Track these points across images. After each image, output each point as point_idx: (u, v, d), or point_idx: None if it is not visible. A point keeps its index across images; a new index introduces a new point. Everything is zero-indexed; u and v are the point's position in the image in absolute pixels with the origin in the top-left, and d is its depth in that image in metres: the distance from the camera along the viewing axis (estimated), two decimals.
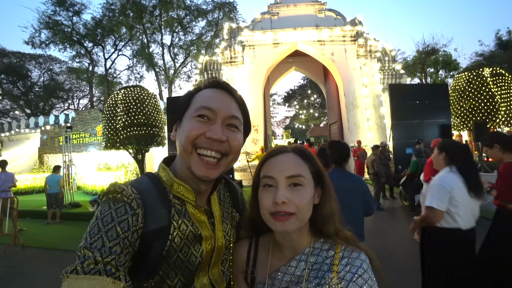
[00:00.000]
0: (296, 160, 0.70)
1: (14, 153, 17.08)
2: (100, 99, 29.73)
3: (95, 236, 0.53)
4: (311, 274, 0.67)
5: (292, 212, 0.65)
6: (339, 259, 0.67)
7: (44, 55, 27.14)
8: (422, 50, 21.34)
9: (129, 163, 13.16)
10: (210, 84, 0.73)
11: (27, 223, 6.83)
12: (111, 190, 0.59)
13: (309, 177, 0.69)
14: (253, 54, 13.30)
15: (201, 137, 0.66)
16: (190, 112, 0.69)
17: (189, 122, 0.67)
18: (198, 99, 0.70)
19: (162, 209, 0.63)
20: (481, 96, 9.33)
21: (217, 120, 0.68)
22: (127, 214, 0.56)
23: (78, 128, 15.45)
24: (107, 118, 9.03)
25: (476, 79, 9.53)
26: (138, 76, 28.17)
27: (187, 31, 24.62)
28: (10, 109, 29.80)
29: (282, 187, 0.66)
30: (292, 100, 39.30)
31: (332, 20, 13.36)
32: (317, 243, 0.71)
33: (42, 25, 21.92)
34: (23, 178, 13.66)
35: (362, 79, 13.10)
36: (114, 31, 22.59)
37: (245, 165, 10.69)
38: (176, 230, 0.63)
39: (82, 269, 0.49)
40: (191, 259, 0.65)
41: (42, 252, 4.85)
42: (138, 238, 0.58)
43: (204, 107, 0.67)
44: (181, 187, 0.68)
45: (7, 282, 3.67)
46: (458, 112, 9.77)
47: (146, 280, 0.61)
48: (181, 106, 0.71)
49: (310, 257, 0.69)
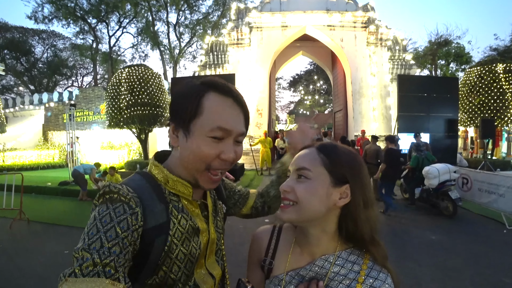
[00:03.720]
0: (310, 154, 0.68)
1: (19, 129, 17.20)
2: (104, 77, 29.51)
3: (94, 237, 0.51)
4: (331, 284, 0.65)
5: (293, 200, 0.65)
6: (364, 277, 0.64)
7: (47, 30, 26.71)
8: (434, 40, 20.71)
9: (132, 142, 13.24)
10: (217, 87, 0.66)
11: (32, 198, 6.97)
12: (107, 191, 0.58)
13: (320, 171, 0.65)
14: (260, 37, 12.98)
15: (216, 158, 0.65)
16: (203, 128, 0.63)
17: (202, 142, 0.63)
18: (209, 110, 0.63)
19: (159, 205, 0.63)
20: (492, 93, 9.12)
21: (230, 140, 0.66)
22: (126, 214, 0.56)
23: (82, 106, 15.44)
24: (111, 97, 8.99)
25: (488, 74, 9.28)
26: (142, 55, 27.86)
27: (194, 10, 23.98)
28: (14, 85, 29.69)
29: (291, 178, 0.69)
30: (297, 85, 38.83)
31: (344, 5, 12.90)
32: (343, 253, 0.68)
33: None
34: (28, 154, 13.83)
35: (370, 67, 12.82)
36: (118, 7, 22.04)
37: (247, 148, 10.70)
38: (176, 226, 0.64)
39: (81, 272, 0.48)
40: (192, 252, 0.66)
41: (46, 227, 4.98)
42: (139, 237, 0.57)
43: (221, 128, 0.63)
44: (178, 183, 0.67)
45: (13, 255, 3.79)
46: (466, 108, 9.59)
47: (150, 277, 0.62)
48: (185, 109, 0.64)
49: (333, 266, 0.66)
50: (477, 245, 3.98)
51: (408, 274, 3.17)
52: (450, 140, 8.56)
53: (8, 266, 3.47)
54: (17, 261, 3.61)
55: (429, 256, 3.65)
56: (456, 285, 2.93)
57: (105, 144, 14.19)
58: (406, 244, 4.05)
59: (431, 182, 5.31)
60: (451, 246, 3.96)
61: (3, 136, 13.90)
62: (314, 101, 37.75)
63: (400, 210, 5.85)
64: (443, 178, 5.25)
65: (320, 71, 30.23)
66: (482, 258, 3.56)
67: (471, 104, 9.47)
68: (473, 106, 9.42)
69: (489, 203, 5.17)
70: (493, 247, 3.94)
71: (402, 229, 4.78)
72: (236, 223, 4.54)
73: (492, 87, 9.12)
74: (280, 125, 33.58)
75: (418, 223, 5.03)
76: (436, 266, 3.36)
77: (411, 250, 3.84)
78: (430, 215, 5.38)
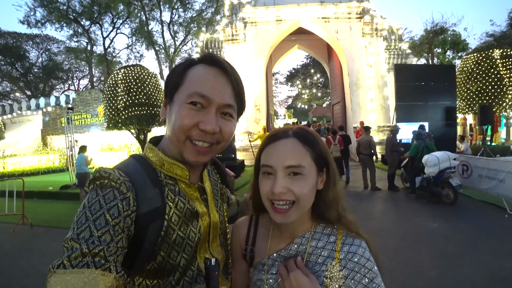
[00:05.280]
0: (296, 147, 0.66)
1: (18, 135, 17.15)
2: (100, 79, 29.40)
3: (82, 226, 0.50)
4: (311, 259, 0.67)
5: (291, 200, 0.64)
6: (340, 245, 0.66)
7: (41, 34, 26.53)
8: (430, 29, 20.56)
9: (132, 143, 13.23)
10: (205, 59, 0.66)
11: (34, 203, 6.99)
12: (97, 176, 0.56)
13: (311, 164, 0.66)
14: (255, 32, 12.90)
15: (195, 128, 0.62)
16: (182, 95, 0.63)
17: (181, 109, 0.63)
18: (191, 78, 0.64)
19: (153, 190, 0.60)
20: (489, 79, 9.08)
21: (211, 110, 0.63)
22: (116, 200, 0.53)
23: (80, 109, 15.40)
24: (108, 99, 8.96)
25: (485, 60, 9.24)
26: (137, 55, 27.72)
27: (187, 8, 23.81)
28: (10, 91, 29.51)
29: (281, 177, 0.64)
30: (295, 79, 38.68)
31: None
32: (318, 227, 0.70)
33: (37, 3, 21.25)
34: (28, 160, 13.82)
35: (367, 58, 12.76)
36: (111, 8, 21.85)
37: (247, 144, 10.71)
38: (172, 209, 0.62)
39: (70, 263, 0.46)
40: (190, 236, 0.64)
41: (48, 230, 5.01)
42: (132, 223, 0.55)
43: (198, 93, 0.62)
44: (174, 166, 0.65)
45: (17, 257, 3.83)
46: (464, 95, 9.56)
47: (147, 262, 0.60)
48: (172, 81, 0.65)
49: (311, 241, 0.69)
50: (477, 232, 4.00)
51: (409, 262, 3.19)
52: (449, 128, 8.56)
53: (12, 268, 3.51)
54: (20, 262, 3.65)
55: (430, 244, 3.67)
56: (456, 272, 2.95)
57: (105, 146, 14.16)
58: (407, 233, 4.08)
59: (431, 170, 5.33)
60: (451, 234, 3.98)
61: (2, 142, 13.90)
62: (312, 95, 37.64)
63: (401, 199, 5.88)
64: (443, 166, 5.26)
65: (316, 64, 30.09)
66: (483, 244, 3.58)
67: (469, 91, 9.45)
68: (471, 93, 9.39)
69: (490, 188, 5.19)
70: (494, 232, 3.97)
71: (402, 218, 4.81)
72: None
73: (490, 73, 9.08)
74: (279, 120, 33.52)
75: (418, 212, 5.05)
76: (436, 253, 3.38)
77: (411, 239, 3.86)
78: (430, 203, 5.40)
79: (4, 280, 3.23)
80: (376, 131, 11.93)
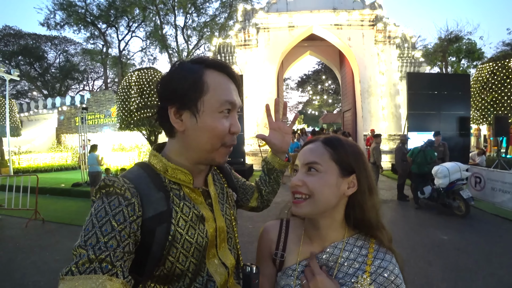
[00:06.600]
0: (317, 147, 0.71)
1: (33, 132, 17.71)
2: (114, 80, 30.06)
3: (89, 233, 0.51)
4: (342, 269, 0.68)
5: (306, 193, 0.67)
6: (372, 259, 0.67)
7: (59, 36, 27.37)
8: (444, 37, 20.28)
9: (143, 144, 13.44)
10: (216, 66, 0.68)
11: (47, 199, 7.17)
12: (102, 185, 0.58)
13: (329, 163, 0.68)
14: (267, 37, 13.01)
15: (227, 133, 0.67)
16: (212, 104, 0.65)
17: (216, 118, 0.65)
18: (215, 86, 0.65)
19: (158, 194, 0.62)
20: (505, 89, 8.86)
21: (234, 113, 0.69)
22: (121, 206, 0.55)
23: (93, 109, 15.79)
24: (121, 100, 9.16)
25: (501, 70, 9.02)
26: (151, 58, 28.23)
27: (201, 12, 24.20)
28: (28, 90, 30.55)
29: (300, 172, 0.71)
30: (305, 85, 38.62)
31: (350, 3, 12.81)
32: (351, 239, 0.71)
33: (57, 6, 22.02)
34: (42, 156, 14.21)
35: (379, 66, 12.67)
36: (127, 12, 22.44)
37: (256, 149, 10.74)
38: (178, 214, 0.63)
39: (77, 269, 0.47)
40: (198, 240, 0.65)
41: (60, 226, 5.12)
42: (139, 228, 0.56)
43: (229, 101, 0.66)
44: (177, 171, 0.67)
45: (28, 253, 3.92)
46: (479, 105, 9.35)
47: (157, 267, 0.61)
48: (189, 89, 0.64)
49: (343, 252, 0.69)
50: (490, 245, 3.88)
51: (419, 274, 3.13)
52: (462, 138, 8.38)
53: (24, 263, 3.59)
54: (33, 258, 3.74)
55: (441, 256, 3.58)
56: (468, 286, 2.87)
57: (116, 146, 14.45)
58: (417, 244, 3.99)
59: (441, 181, 5.21)
60: (463, 246, 3.87)
61: (19, 139, 14.34)
62: (323, 101, 37.46)
63: (411, 209, 5.76)
64: (453, 177, 5.14)
65: (328, 71, 30.02)
66: (496, 258, 3.47)
67: (483, 101, 9.23)
68: (485, 103, 9.17)
69: (503, 202, 5.05)
70: (507, 247, 3.84)
71: (412, 229, 4.71)
72: (245, 223, 4.57)
73: (506, 83, 8.86)
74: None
75: (429, 223, 4.94)
76: (448, 266, 3.30)
77: (422, 250, 3.78)
78: (441, 215, 5.28)
79: (18, 274, 3.32)
80: (387, 139, 11.78)
